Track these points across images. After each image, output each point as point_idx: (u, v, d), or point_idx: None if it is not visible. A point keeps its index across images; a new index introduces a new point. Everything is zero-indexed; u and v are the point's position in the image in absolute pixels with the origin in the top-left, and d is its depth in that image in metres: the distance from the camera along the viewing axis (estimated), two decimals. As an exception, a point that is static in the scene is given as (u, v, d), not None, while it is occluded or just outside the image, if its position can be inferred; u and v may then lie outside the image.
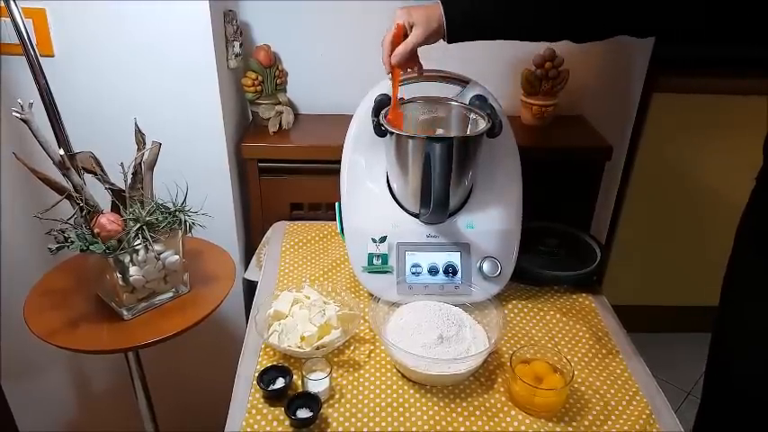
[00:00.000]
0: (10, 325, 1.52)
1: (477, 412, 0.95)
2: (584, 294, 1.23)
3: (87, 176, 1.11)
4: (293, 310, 1.08)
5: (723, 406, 1.12)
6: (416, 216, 1.17)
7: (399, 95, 1.15)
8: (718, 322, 1.12)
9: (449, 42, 1.03)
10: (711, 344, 1.14)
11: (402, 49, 1.02)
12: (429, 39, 1.02)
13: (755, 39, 1.00)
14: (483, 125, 1.11)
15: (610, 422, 0.94)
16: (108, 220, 1.06)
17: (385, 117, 1.11)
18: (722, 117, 1.93)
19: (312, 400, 0.93)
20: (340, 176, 1.22)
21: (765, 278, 1.01)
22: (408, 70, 1.10)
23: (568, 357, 1.04)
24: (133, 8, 1.24)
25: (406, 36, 1.03)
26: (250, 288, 1.51)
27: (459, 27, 1.01)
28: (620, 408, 0.97)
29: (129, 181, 1.11)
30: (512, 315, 1.17)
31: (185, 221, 1.12)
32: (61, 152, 1.04)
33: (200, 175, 1.37)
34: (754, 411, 1.04)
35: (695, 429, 1.14)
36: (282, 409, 0.92)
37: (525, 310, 1.19)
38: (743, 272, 1.08)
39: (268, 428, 0.91)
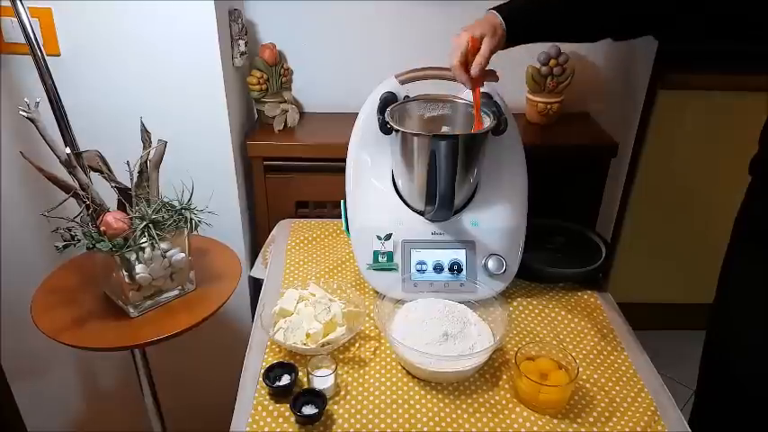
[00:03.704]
0: (17, 323, 1.53)
1: (482, 409, 0.95)
2: (589, 291, 1.23)
3: (93, 175, 1.12)
4: (299, 308, 1.08)
5: (720, 401, 1.12)
6: (422, 214, 1.17)
7: (407, 94, 1.15)
8: (714, 319, 1.13)
9: (506, 47, 1.04)
10: (706, 341, 1.14)
11: (480, 59, 0.99)
12: (499, 46, 1.01)
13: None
14: (488, 123, 1.11)
15: (615, 419, 0.94)
16: (114, 219, 1.07)
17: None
18: (729, 114, 1.92)
19: (317, 397, 0.93)
20: (345, 174, 1.22)
21: (759, 280, 1.02)
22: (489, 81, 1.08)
23: (573, 354, 1.04)
24: (139, 7, 1.25)
25: (474, 51, 1.01)
26: (256, 286, 1.51)
27: (518, 29, 1.02)
28: (625, 404, 0.96)
29: (135, 179, 1.11)
30: (517, 312, 1.17)
31: (191, 219, 1.13)
32: (67, 151, 1.05)
33: (205, 174, 1.37)
34: (753, 409, 1.04)
35: (690, 423, 1.14)
36: (288, 405, 0.92)
37: (530, 307, 1.19)
38: (738, 270, 1.09)
39: (274, 425, 0.92)
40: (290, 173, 1.50)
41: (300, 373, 0.99)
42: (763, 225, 1.03)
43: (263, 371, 0.99)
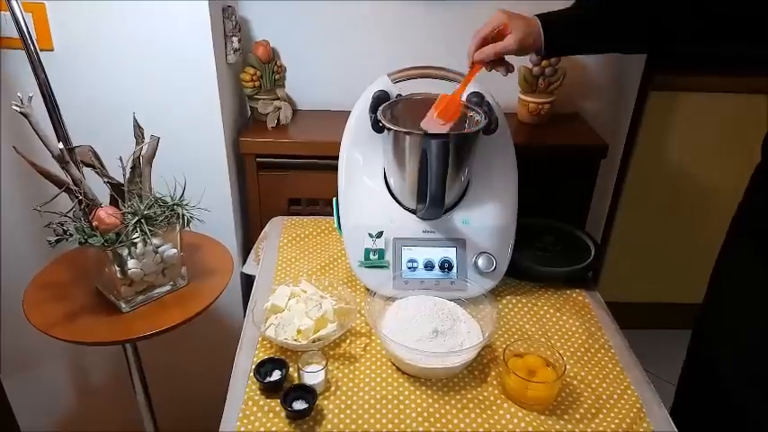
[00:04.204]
0: (9, 317, 1.53)
1: (471, 405, 0.96)
2: (577, 290, 1.24)
3: (86, 170, 1.12)
4: (290, 304, 1.09)
5: (701, 401, 1.13)
6: (413, 212, 1.18)
7: (399, 93, 1.16)
8: (704, 317, 1.13)
9: (543, 58, 1.06)
10: (693, 340, 1.15)
11: (491, 50, 1.03)
12: (520, 51, 1.03)
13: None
14: (480, 122, 1.12)
15: (601, 415, 0.95)
16: (106, 214, 1.07)
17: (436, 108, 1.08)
18: (718, 115, 1.94)
19: (308, 393, 0.94)
20: (338, 172, 1.22)
21: (758, 278, 1.02)
22: (497, 71, 1.09)
23: (561, 352, 1.05)
24: (132, 3, 1.25)
25: (500, 37, 1.03)
26: (248, 282, 1.52)
27: (556, 47, 1.04)
28: (612, 401, 0.98)
29: (127, 175, 1.12)
30: (506, 310, 1.18)
31: (183, 215, 1.13)
32: (60, 146, 1.05)
33: (198, 170, 1.38)
34: (734, 414, 1.05)
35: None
36: (278, 400, 0.93)
37: (519, 305, 1.20)
38: (734, 270, 1.09)
39: (264, 420, 0.93)
40: (282, 170, 1.51)
41: (291, 369, 1.00)
42: (763, 221, 1.02)
43: (254, 366, 1.00)
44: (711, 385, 1.10)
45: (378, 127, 1.13)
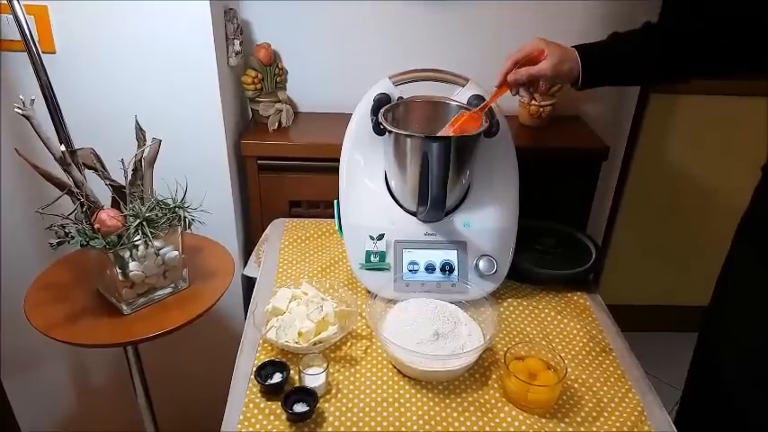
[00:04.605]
0: (10, 318, 1.53)
1: (472, 408, 0.96)
2: (578, 293, 1.24)
3: (88, 172, 1.12)
4: (291, 306, 1.09)
5: (706, 405, 1.13)
6: (414, 214, 1.18)
7: (400, 95, 1.16)
8: (710, 321, 1.13)
9: (579, 89, 1.06)
10: (699, 342, 1.15)
11: (526, 72, 1.03)
12: (555, 77, 1.03)
13: None
14: (481, 125, 1.12)
15: (602, 419, 0.95)
16: (108, 216, 1.07)
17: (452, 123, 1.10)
18: (719, 118, 1.94)
19: (309, 395, 0.94)
20: (339, 174, 1.23)
21: (763, 283, 1.02)
22: (520, 96, 1.10)
23: (562, 355, 1.05)
24: (134, 6, 1.25)
25: (532, 63, 1.04)
26: (249, 284, 1.52)
27: (593, 78, 1.04)
28: (613, 405, 0.98)
29: (129, 177, 1.12)
30: (507, 313, 1.18)
31: (185, 218, 1.13)
32: (62, 148, 1.05)
33: (199, 172, 1.38)
34: (736, 417, 1.05)
35: (675, 424, 1.16)
36: (279, 403, 0.93)
37: (520, 307, 1.20)
38: (739, 275, 1.09)
39: (265, 422, 0.93)
40: (283, 172, 1.51)
41: (292, 372, 1.00)
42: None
43: (255, 369, 1.00)
44: (715, 388, 1.10)
45: (379, 129, 1.13)
